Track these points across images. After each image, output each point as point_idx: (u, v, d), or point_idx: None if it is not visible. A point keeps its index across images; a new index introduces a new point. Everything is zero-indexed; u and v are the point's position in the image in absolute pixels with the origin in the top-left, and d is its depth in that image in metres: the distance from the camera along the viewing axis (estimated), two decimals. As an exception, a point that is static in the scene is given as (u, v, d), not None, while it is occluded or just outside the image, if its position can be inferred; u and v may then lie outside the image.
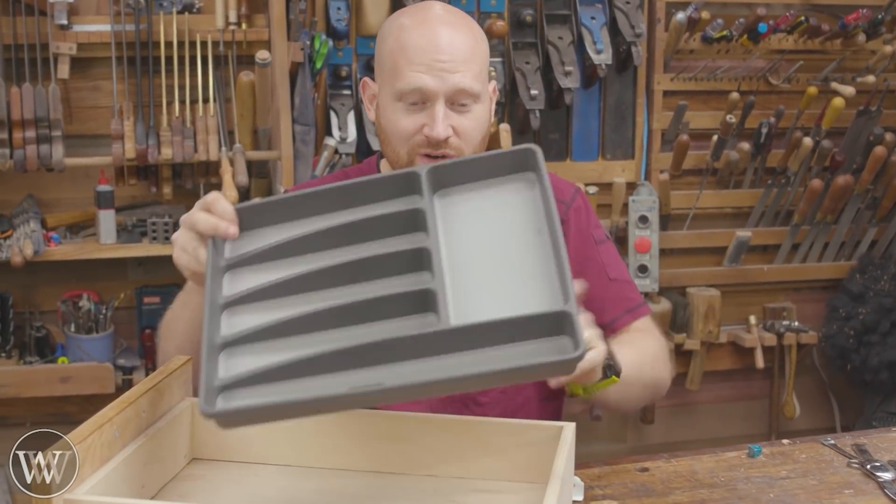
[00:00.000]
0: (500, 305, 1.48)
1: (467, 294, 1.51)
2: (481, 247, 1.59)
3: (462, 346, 1.43)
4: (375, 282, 1.56)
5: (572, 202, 2.07)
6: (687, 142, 3.85)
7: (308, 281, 1.56)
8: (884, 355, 3.97)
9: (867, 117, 4.02)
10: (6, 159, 3.22)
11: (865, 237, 4.20)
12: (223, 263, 1.60)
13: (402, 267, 1.57)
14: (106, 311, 3.45)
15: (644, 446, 4.15)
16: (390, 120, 1.91)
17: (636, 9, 3.71)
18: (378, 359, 1.43)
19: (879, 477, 1.90)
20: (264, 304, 1.54)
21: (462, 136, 1.90)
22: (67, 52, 3.31)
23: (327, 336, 1.49)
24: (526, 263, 1.55)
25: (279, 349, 1.48)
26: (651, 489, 1.86)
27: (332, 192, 1.66)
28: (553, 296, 1.48)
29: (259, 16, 3.47)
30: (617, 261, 2.10)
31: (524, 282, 1.52)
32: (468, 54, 1.88)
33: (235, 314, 1.54)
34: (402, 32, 1.90)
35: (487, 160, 1.67)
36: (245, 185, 3.30)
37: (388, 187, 1.67)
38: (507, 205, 1.64)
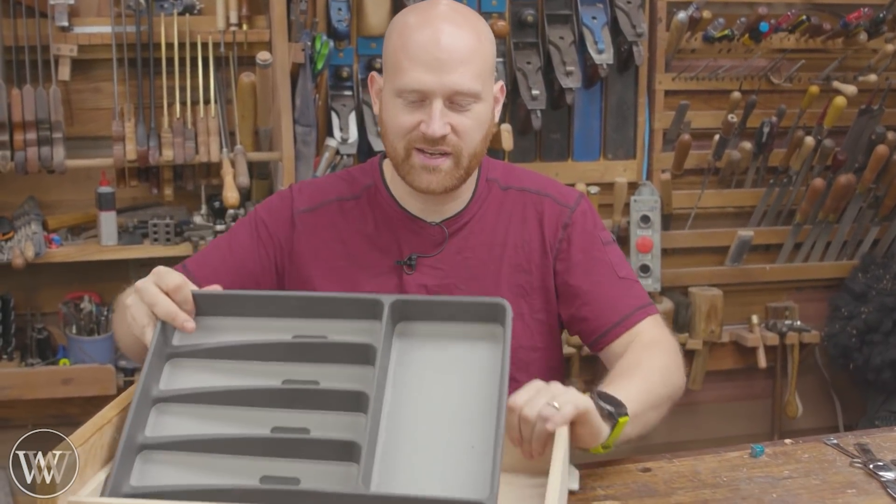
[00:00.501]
0: (426, 476, 1.46)
1: (396, 450, 1.48)
2: (426, 399, 1.56)
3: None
4: (311, 413, 1.53)
5: (577, 206, 2.08)
6: (688, 141, 3.84)
7: (245, 396, 1.53)
8: (886, 354, 3.96)
9: (869, 116, 4.01)
10: (7, 161, 3.22)
11: (868, 236, 4.20)
12: (168, 351, 1.57)
13: (342, 404, 1.53)
14: (107, 312, 3.45)
15: (646, 446, 4.12)
16: (390, 115, 1.93)
17: (637, 8, 3.70)
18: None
19: (882, 476, 1.89)
20: (194, 410, 1.52)
21: (461, 135, 1.90)
22: (68, 53, 3.31)
23: (248, 463, 1.47)
24: (464, 433, 1.51)
25: (196, 468, 1.45)
26: (653, 489, 1.86)
27: (294, 299, 1.65)
28: (481, 479, 1.44)
29: (260, 17, 3.47)
30: (624, 261, 2.11)
31: (457, 454, 1.49)
32: (468, 53, 1.88)
33: (164, 412, 1.51)
34: (405, 29, 1.90)
35: (456, 305, 1.64)
36: (246, 186, 3.30)
37: (351, 308, 1.64)
38: (465, 361, 1.60)
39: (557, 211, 2.07)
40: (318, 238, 2.03)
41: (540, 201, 2.07)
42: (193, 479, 1.43)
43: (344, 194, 2.07)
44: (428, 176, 1.92)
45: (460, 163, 1.93)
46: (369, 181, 2.08)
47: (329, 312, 1.64)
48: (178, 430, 1.48)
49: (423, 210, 2.03)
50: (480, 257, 2.03)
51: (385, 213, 2.04)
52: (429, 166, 1.91)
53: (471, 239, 2.03)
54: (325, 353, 1.60)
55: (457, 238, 2.03)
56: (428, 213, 2.03)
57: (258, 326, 1.63)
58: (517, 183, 2.10)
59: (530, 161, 3.79)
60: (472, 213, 2.04)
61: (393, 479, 1.45)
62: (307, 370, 1.58)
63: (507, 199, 2.07)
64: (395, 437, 1.50)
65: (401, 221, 2.03)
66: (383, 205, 2.05)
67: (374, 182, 2.07)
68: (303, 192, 2.09)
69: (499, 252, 2.04)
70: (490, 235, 2.04)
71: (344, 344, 1.60)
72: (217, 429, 1.49)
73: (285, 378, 1.56)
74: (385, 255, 2.02)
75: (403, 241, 2.02)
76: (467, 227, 2.04)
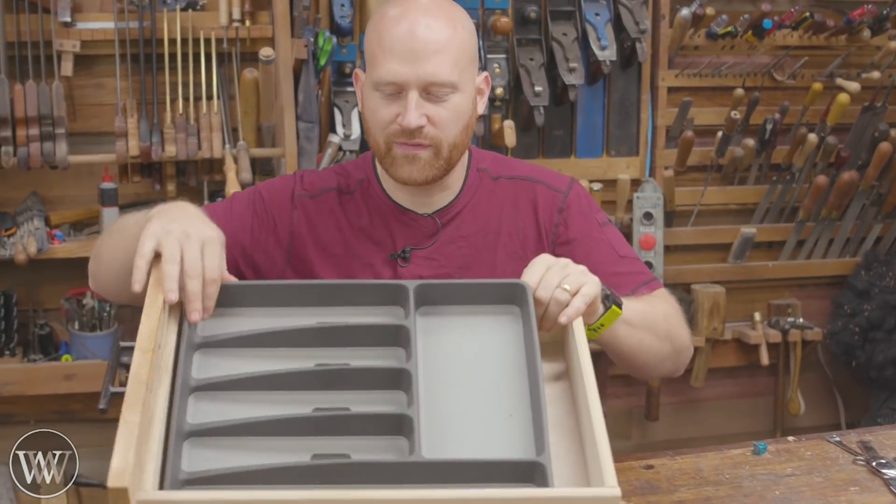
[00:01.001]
0: (472, 445, 1.49)
1: (438, 423, 1.51)
2: (458, 375, 1.59)
3: (431, 479, 1.42)
4: (350, 392, 1.55)
5: (570, 190, 2.08)
6: (691, 138, 3.84)
7: (281, 380, 1.54)
8: (889, 352, 3.96)
9: (872, 113, 4.01)
10: (10, 157, 3.23)
11: (870, 233, 4.19)
12: (196, 341, 1.57)
13: (379, 383, 1.56)
14: (109, 308, 3.45)
15: (649, 443, 4.15)
16: (369, 109, 1.93)
17: (640, 5, 3.70)
18: (347, 479, 1.42)
19: (885, 474, 1.89)
20: (232, 396, 1.52)
21: (438, 126, 1.89)
22: (71, 49, 3.31)
23: (296, 443, 1.48)
24: (500, 404, 1.55)
25: (246, 451, 1.46)
26: (656, 486, 1.86)
27: (318, 287, 1.67)
28: (526, 443, 1.48)
29: (263, 13, 3.47)
30: (623, 240, 2.11)
31: (497, 424, 1.53)
32: (443, 43, 1.87)
33: (203, 400, 1.51)
34: (382, 22, 1.91)
35: (478, 287, 1.68)
36: (249, 182, 3.29)
37: (374, 294, 1.67)
38: (490, 336, 1.65)
39: (551, 196, 2.07)
40: (319, 222, 2.03)
41: (532, 188, 2.07)
42: (246, 462, 1.43)
43: (341, 187, 2.07)
44: (409, 166, 1.91)
45: (440, 153, 1.91)
46: (362, 175, 2.08)
47: (353, 299, 1.66)
48: (220, 417, 1.49)
49: (413, 202, 2.03)
50: (475, 246, 2.03)
51: (378, 206, 2.04)
52: (409, 155, 1.90)
53: (463, 228, 2.03)
54: (354, 337, 1.62)
55: (449, 228, 2.03)
56: (419, 204, 2.03)
57: (281, 315, 1.64)
58: (508, 171, 2.09)
59: (533, 157, 3.78)
60: (463, 203, 2.04)
61: (441, 449, 1.47)
62: (337, 353, 1.60)
63: (499, 188, 2.07)
64: (435, 411, 1.52)
65: (393, 214, 2.03)
66: (375, 198, 2.04)
67: (367, 176, 2.07)
68: (305, 179, 2.09)
69: (493, 240, 2.03)
70: (483, 224, 2.04)
71: (374, 326, 1.62)
72: (258, 413, 1.49)
73: (316, 362, 1.57)
74: (379, 248, 2.02)
75: (397, 234, 2.02)
76: (459, 217, 2.03)
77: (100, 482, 3.55)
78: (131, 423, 1.36)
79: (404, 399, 1.54)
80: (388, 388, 1.56)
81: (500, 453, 1.48)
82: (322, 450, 1.47)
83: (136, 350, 1.45)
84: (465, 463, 1.44)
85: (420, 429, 1.47)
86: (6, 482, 3.34)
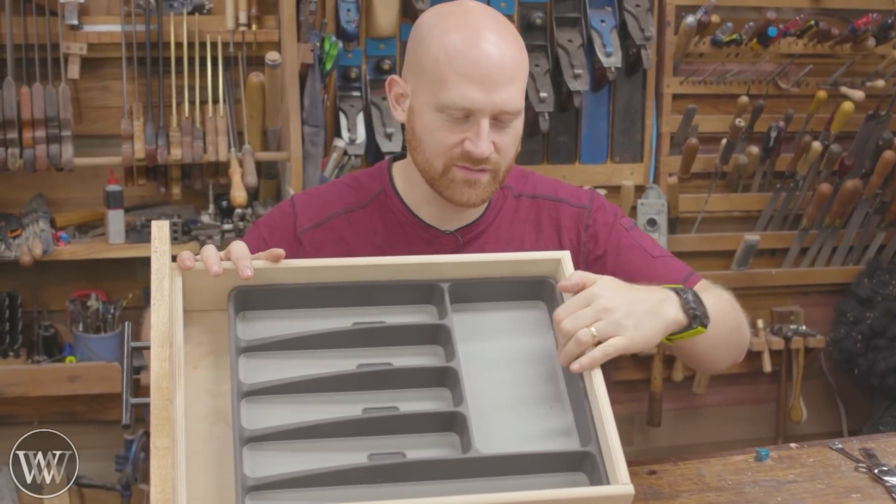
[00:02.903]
0: (520, 438, 1.53)
1: (486, 419, 1.54)
2: (495, 370, 1.62)
3: (486, 472, 1.47)
4: (396, 392, 1.57)
5: (592, 203, 2.04)
6: (696, 145, 3.85)
7: (331, 382, 1.56)
8: (891, 360, 3.96)
9: (876, 122, 4.01)
10: (16, 159, 3.23)
11: (874, 242, 4.19)
12: (240, 346, 1.58)
13: (424, 381, 1.59)
14: (114, 310, 3.45)
15: (651, 449, 4.15)
16: (428, 129, 1.85)
17: (646, 12, 3.71)
18: (406, 476, 1.46)
19: (887, 481, 1.89)
20: (285, 399, 1.54)
21: (501, 153, 1.85)
22: (78, 52, 3.32)
23: (351, 444, 1.51)
24: (539, 397, 1.59)
25: (305, 453, 1.49)
26: (658, 492, 1.86)
27: (353, 288, 1.66)
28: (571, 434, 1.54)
29: (269, 17, 3.47)
30: (652, 241, 2.06)
31: (540, 416, 1.57)
32: (516, 70, 1.82)
33: (255, 404, 1.53)
34: (447, 37, 1.82)
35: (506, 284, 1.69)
36: (254, 185, 3.30)
37: (409, 293, 1.68)
38: (521, 331, 1.68)
39: (575, 214, 2.02)
40: (326, 255, 1.90)
41: (555, 207, 2.02)
42: (306, 465, 1.45)
43: (351, 204, 1.99)
44: (469, 190, 1.86)
45: (497, 177, 1.88)
46: (378, 187, 2.00)
47: (386, 299, 1.67)
48: (273, 421, 1.50)
49: (437, 218, 1.97)
50: None
51: (396, 220, 1.97)
52: (470, 180, 1.85)
53: (485, 247, 1.96)
54: (394, 336, 1.63)
55: (472, 247, 1.96)
56: (443, 221, 1.97)
57: (317, 316, 1.64)
58: (529, 190, 2.04)
59: (537, 164, 3.79)
60: (488, 222, 1.99)
61: (492, 444, 1.51)
62: (377, 353, 1.61)
63: (521, 207, 2.02)
64: (479, 406, 1.55)
65: (413, 230, 1.97)
66: (394, 212, 1.98)
67: (384, 188, 2.00)
68: (307, 207, 2.00)
69: None
70: (506, 244, 1.98)
71: (413, 325, 1.64)
72: (308, 416, 1.51)
73: (358, 363, 1.59)
74: None
75: (416, 251, 1.93)
76: (483, 236, 1.98)
77: (102, 483, 3.56)
78: (162, 448, 1.38)
79: (449, 396, 1.56)
80: (433, 385, 1.58)
81: (549, 445, 1.53)
82: (376, 449, 1.49)
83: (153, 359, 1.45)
84: (519, 456, 1.49)
85: (472, 425, 1.50)
86: (9, 482, 3.35)
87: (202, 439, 1.50)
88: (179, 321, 1.55)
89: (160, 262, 1.55)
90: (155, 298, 1.52)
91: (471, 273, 1.69)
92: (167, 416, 1.40)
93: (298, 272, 1.64)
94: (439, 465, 1.47)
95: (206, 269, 1.58)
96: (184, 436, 1.45)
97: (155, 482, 1.35)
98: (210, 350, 1.61)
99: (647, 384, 4.05)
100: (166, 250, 1.57)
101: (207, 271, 1.58)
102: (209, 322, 1.63)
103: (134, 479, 3.35)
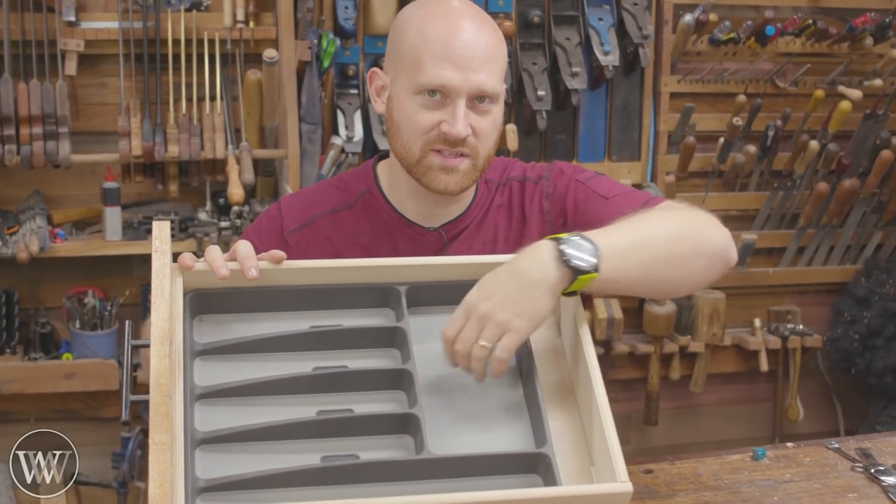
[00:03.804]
0: (474, 440, 1.53)
1: (439, 421, 1.54)
2: (452, 374, 1.60)
3: (440, 474, 1.47)
4: (351, 394, 1.56)
5: (550, 172, 2.01)
6: (693, 144, 3.85)
7: (282, 385, 1.55)
8: (888, 359, 3.96)
9: (874, 121, 4.02)
10: (13, 155, 3.23)
11: (871, 241, 4.20)
12: (196, 348, 1.58)
13: (379, 384, 1.58)
14: (111, 307, 3.45)
15: (648, 448, 4.16)
16: (405, 114, 1.85)
17: (644, 10, 3.71)
18: (359, 478, 1.46)
19: (883, 481, 1.89)
20: (236, 402, 1.53)
21: (479, 138, 1.85)
22: (75, 48, 3.31)
23: (305, 446, 1.50)
24: (495, 400, 1.58)
25: (259, 455, 1.48)
26: (655, 491, 1.86)
27: (310, 291, 1.65)
28: (527, 436, 1.54)
29: (267, 14, 3.48)
30: (610, 183, 1.98)
31: (495, 419, 1.57)
32: (493, 52, 1.83)
33: (207, 406, 1.52)
34: (424, 23, 1.84)
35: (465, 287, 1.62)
36: (251, 183, 3.30)
37: (366, 297, 1.67)
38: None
39: (537, 189, 2.00)
40: (313, 253, 1.91)
41: (521, 188, 2.01)
42: (257, 467, 1.45)
43: (337, 204, 1.99)
44: (446, 177, 1.85)
45: (477, 164, 1.87)
46: (364, 187, 2.00)
47: (343, 302, 1.66)
48: (226, 423, 1.50)
49: (421, 215, 1.96)
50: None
51: (381, 219, 1.97)
52: (447, 166, 1.85)
53: (470, 242, 1.97)
54: (350, 339, 1.62)
55: (457, 242, 1.97)
56: (426, 217, 1.96)
57: (274, 319, 1.64)
58: (500, 177, 2.03)
59: (535, 161, 3.78)
60: (472, 217, 1.98)
61: (446, 446, 1.50)
62: (333, 356, 1.60)
63: (497, 197, 2.01)
64: (435, 409, 1.55)
65: (398, 228, 1.96)
66: (379, 211, 1.97)
67: (369, 187, 2.00)
68: (292, 209, 2.01)
69: (490, 251, 1.95)
70: (486, 237, 1.98)
71: (369, 328, 1.63)
72: (263, 418, 1.51)
73: (314, 366, 1.58)
74: None
75: (401, 249, 1.94)
76: (467, 231, 1.98)
77: (98, 481, 3.56)
78: (161, 444, 1.38)
79: (404, 399, 1.55)
80: (388, 388, 1.57)
81: (503, 447, 1.52)
82: (330, 451, 1.49)
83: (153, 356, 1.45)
84: (472, 457, 1.48)
85: (425, 427, 1.49)
86: (6, 480, 3.34)
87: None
88: (179, 320, 1.55)
89: (161, 261, 1.55)
90: (155, 297, 1.52)
91: (430, 276, 1.68)
92: (166, 411, 1.40)
93: (299, 273, 1.64)
94: (392, 467, 1.47)
95: (213, 271, 1.58)
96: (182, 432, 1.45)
97: (153, 477, 1.35)
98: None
99: (643, 383, 4.05)
100: (167, 250, 1.57)
101: (210, 272, 1.58)
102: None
103: (130, 476, 3.35)
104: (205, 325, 1.62)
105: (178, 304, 1.56)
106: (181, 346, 1.53)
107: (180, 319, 1.55)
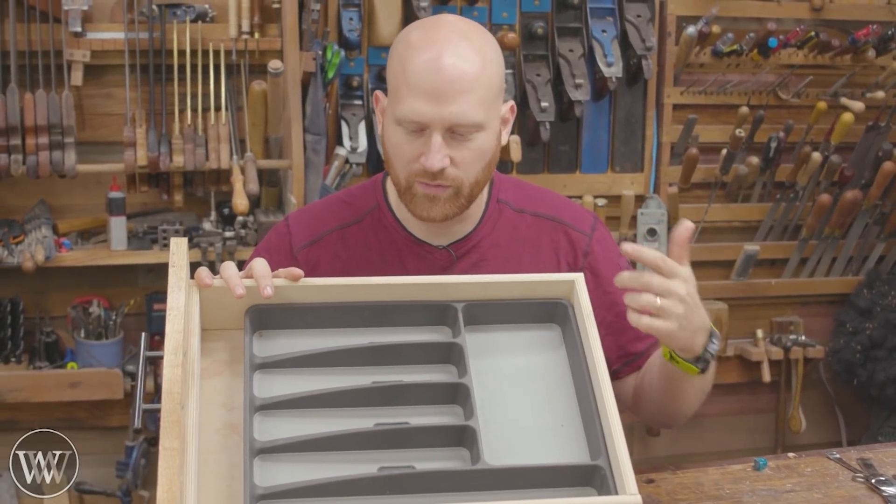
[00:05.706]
0: (530, 453, 1.55)
1: (496, 434, 1.56)
2: (508, 389, 1.63)
3: (495, 485, 1.49)
4: (409, 408, 1.59)
5: (594, 232, 2.01)
6: (696, 155, 3.86)
7: (343, 397, 1.58)
8: (890, 371, 3.96)
9: (876, 133, 4.02)
10: (19, 165, 3.24)
11: (873, 252, 4.20)
12: (256, 361, 1.60)
13: (437, 397, 1.60)
14: (116, 317, 3.46)
15: (650, 458, 4.15)
16: (392, 143, 1.84)
17: (647, 22, 3.72)
18: (414, 488, 1.48)
19: (884, 491, 1.90)
20: (297, 413, 1.56)
21: (460, 167, 1.81)
22: (81, 59, 3.33)
23: (362, 457, 1.52)
24: (551, 415, 1.61)
25: (316, 465, 1.50)
26: (657, 501, 1.87)
27: (367, 308, 1.67)
28: (582, 451, 1.56)
29: (272, 25, 3.49)
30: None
31: (551, 433, 1.59)
32: (470, 82, 1.77)
33: (268, 417, 1.55)
34: (407, 52, 1.80)
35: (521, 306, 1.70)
36: (256, 193, 3.31)
37: (423, 314, 1.69)
38: (534, 351, 1.70)
39: (575, 238, 1.99)
40: (322, 271, 1.91)
41: (555, 229, 1.99)
42: (316, 476, 1.46)
43: (345, 220, 1.98)
44: (430, 206, 1.84)
45: (461, 192, 1.84)
46: (372, 203, 1.98)
47: (401, 319, 1.69)
48: (284, 434, 1.52)
49: (428, 233, 1.94)
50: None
51: (390, 236, 1.95)
52: (430, 196, 1.83)
53: (482, 262, 1.95)
54: (407, 355, 1.64)
55: (465, 261, 1.95)
56: (434, 236, 1.95)
57: (333, 335, 1.66)
58: (531, 206, 2.01)
59: (538, 173, 3.80)
60: (481, 236, 1.96)
61: (501, 458, 1.52)
62: (391, 371, 1.63)
63: (522, 224, 1.99)
64: (491, 423, 1.57)
65: (406, 246, 1.95)
66: (388, 227, 1.96)
67: (378, 204, 1.98)
68: (300, 225, 2.00)
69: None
70: (504, 261, 1.95)
71: (426, 344, 1.65)
72: (320, 429, 1.53)
73: (372, 380, 1.60)
74: None
75: (409, 267, 1.92)
76: (477, 250, 1.96)
77: (102, 489, 3.57)
78: (170, 450, 1.39)
79: (460, 412, 1.58)
80: (444, 402, 1.60)
81: (558, 459, 1.55)
82: (387, 462, 1.51)
83: (166, 366, 1.47)
84: (527, 468, 1.51)
85: (481, 438, 1.51)
86: (10, 488, 3.35)
87: (215, 450, 1.51)
88: (196, 333, 1.57)
89: (177, 275, 1.57)
90: (170, 310, 1.55)
91: (484, 294, 1.70)
92: (177, 418, 1.41)
93: (316, 291, 1.66)
94: (448, 477, 1.48)
95: (230, 289, 1.59)
96: (196, 443, 1.46)
97: (161, 482, 1.36)
98: (228, 366, 1.62)
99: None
100: (184, 265, 1.59)
101: (227, 289, 1.60)
102: (229, 339, 1.65)
103: (134, 485, 3.35)
104: (265, 340, 1.65)
105: (194, 318, 1.58)
106: (196, 358, 1.55)
107: (196, 334, 1.57)
